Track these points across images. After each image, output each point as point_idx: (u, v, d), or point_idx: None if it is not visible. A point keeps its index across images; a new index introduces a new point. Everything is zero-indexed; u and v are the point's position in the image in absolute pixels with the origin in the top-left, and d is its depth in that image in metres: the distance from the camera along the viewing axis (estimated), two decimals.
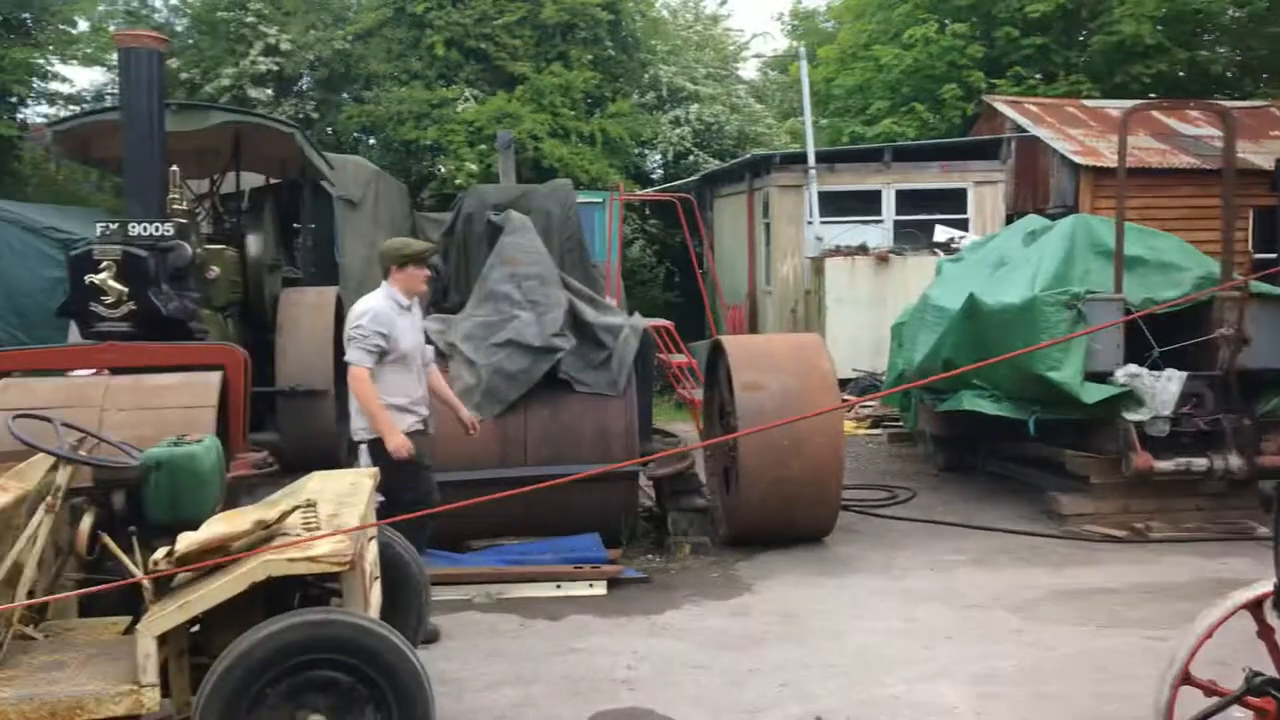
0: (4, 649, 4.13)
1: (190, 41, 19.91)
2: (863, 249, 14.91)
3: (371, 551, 4.73)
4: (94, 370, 7.57)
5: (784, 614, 6.51)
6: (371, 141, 20.51)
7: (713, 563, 7.62)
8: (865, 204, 16.09)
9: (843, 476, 7.84)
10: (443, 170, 18.78)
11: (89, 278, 7.79)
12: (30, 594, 4.23)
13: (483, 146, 18.31)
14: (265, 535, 4.08)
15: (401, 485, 5.89)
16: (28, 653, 4.22)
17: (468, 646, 5.95)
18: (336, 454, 9.97)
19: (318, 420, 9.97)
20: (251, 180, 12.03)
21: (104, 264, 7.77)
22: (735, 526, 7.94)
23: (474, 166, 18.06)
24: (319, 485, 4.92)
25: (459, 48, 19.58)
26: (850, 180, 16.15)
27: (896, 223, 15.93)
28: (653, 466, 8.07)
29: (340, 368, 10.61)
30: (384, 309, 6.05)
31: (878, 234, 15.65)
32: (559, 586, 6.93)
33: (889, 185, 16.07)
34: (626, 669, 5.64)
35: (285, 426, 9.99)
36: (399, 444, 5.88)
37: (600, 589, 6.97)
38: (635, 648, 5.95)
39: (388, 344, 5.98)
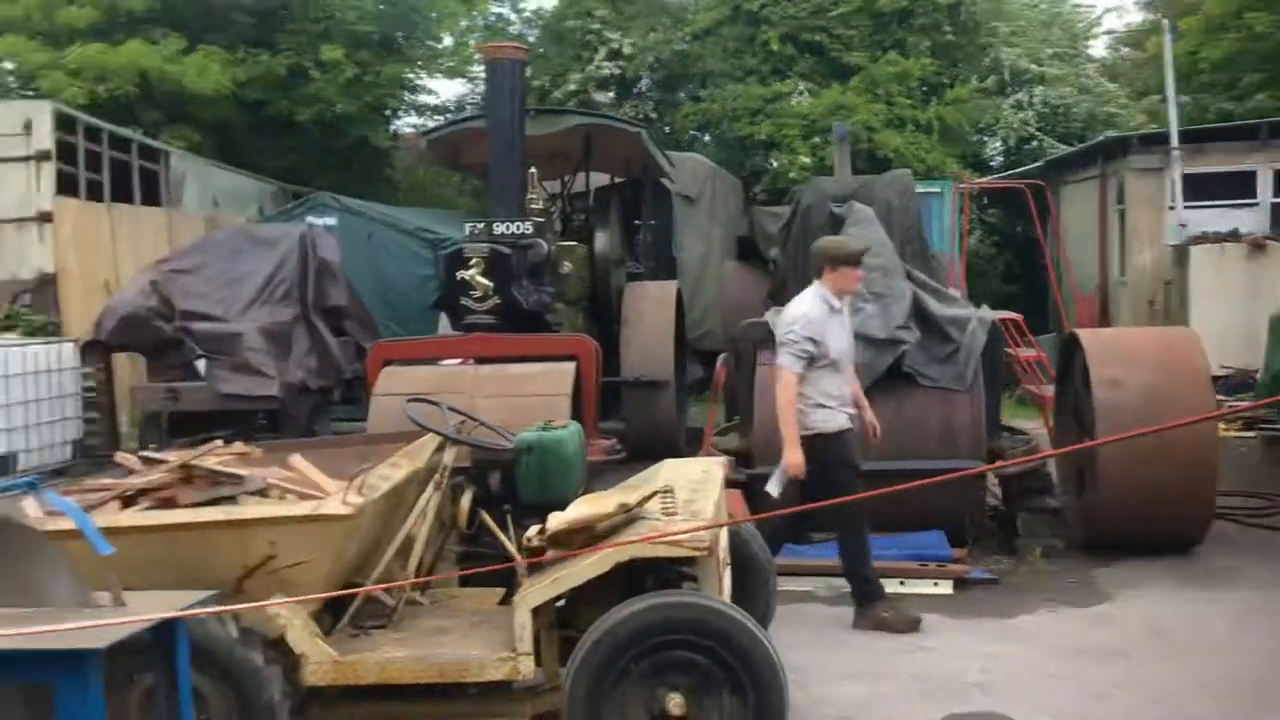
0: (398, 613, 4.55)
1: (540, 50, 21.07)
2: (1234, 235, 13.65)
3: (724, 539, 4.83)
4: (461, 359, 8.19)
5: (1151, 627, 6.08)
6: (707, 138, 20.91)
7: (1066, 567, 7.24)
8: (1236, 186, 14.68)
9: (1216, 481, 7.23)
10: (775, 164, 18.87)
11: (459, 274, 8.38)
12: (420, 564, 4.64)
13: (816, 140, 18.24)
14: (627, 518, 4.26)
15: (837, 482, 5.86)
16: (417, 617, 4.64)
17: (812, 637, 5.94)
18: (677, 443, 10.27)
19: (660, 410, 10.30)
20: (596, 180, 12.60)
21: (473, 261, 8.33)
22: (1091, 530, 7.49)
23: (807, 160, 18.03)
24: (672, 473, 5.07)
25: (793, 41, 19.62)
26: (1219, 161, 14.79)
27: (1274, 206, 14.47)
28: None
29: (681, 359, 11.05)
30: (816, 314, 6.02)
31: (1251, 218, 14.27)
32: (903, 583, 6.79)
33: (1267, 165, 14.60)
34: (979, 672, 5.45)
35: (630, 415, 10.37)
36: (793, 462, 5.93)
37: (946, 588, 6.79)
38: (987, 650, 5.74)
39: (817, 349, 5.98)
